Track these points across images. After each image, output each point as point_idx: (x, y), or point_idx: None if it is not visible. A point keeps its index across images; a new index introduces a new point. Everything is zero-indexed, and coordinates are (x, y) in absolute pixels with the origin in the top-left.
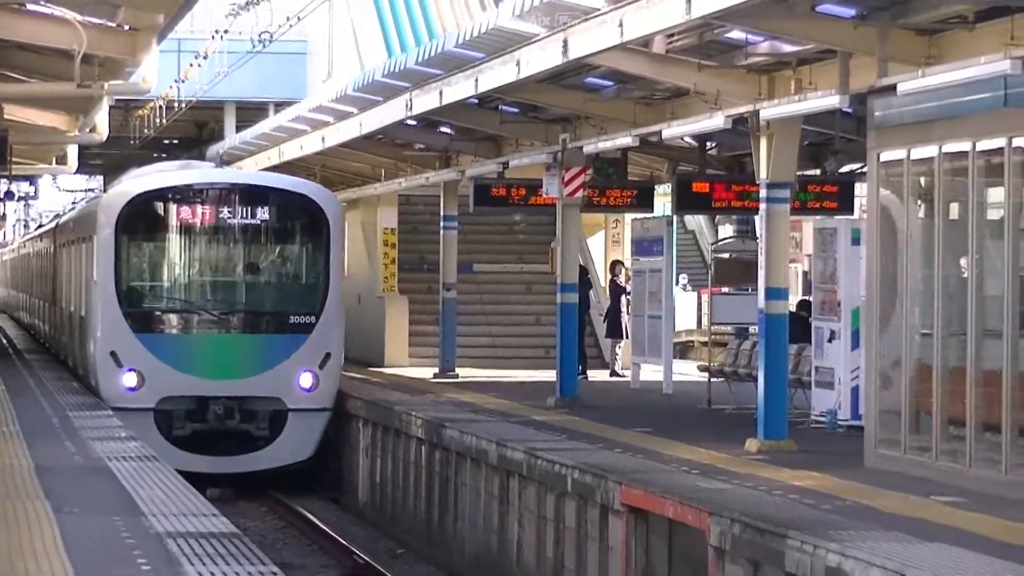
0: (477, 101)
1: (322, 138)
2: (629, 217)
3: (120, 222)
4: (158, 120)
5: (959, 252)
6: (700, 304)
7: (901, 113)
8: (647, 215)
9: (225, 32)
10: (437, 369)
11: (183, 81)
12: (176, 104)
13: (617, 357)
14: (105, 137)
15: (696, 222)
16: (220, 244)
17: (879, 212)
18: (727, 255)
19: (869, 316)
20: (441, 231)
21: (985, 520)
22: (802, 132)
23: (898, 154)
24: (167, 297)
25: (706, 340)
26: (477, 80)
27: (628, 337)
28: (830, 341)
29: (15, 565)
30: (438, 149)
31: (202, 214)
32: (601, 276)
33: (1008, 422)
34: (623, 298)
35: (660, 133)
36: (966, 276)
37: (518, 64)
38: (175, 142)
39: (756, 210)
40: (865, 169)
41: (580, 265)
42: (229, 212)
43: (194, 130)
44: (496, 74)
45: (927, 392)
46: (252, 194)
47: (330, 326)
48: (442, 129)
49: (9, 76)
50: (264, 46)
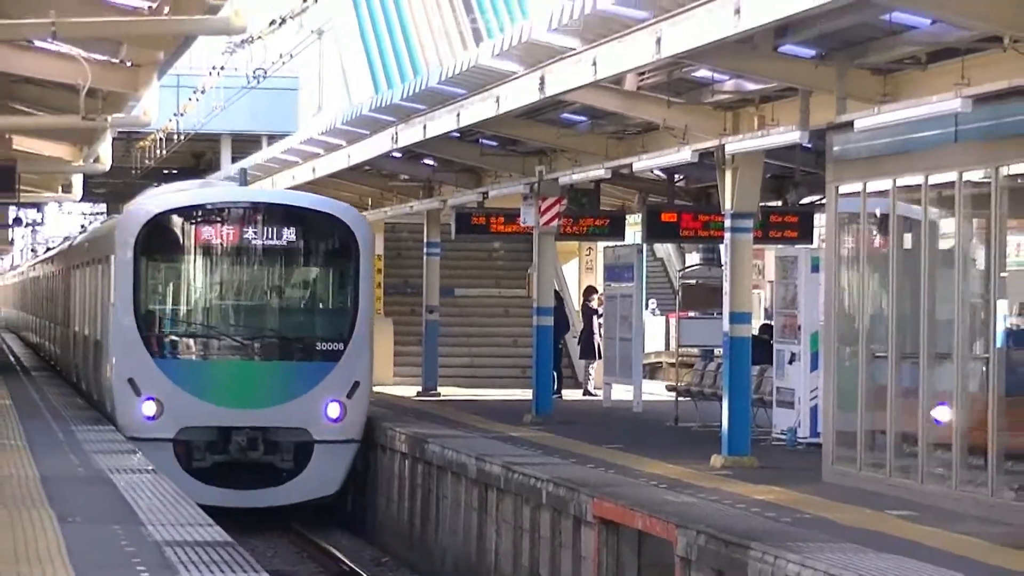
0: (459, 134)
1: (312, 169)
2: (601, 245)
3: (139, 242)
4: (158, 151)
5: (913, 279)
6: (668, 327)
7: (858, 148)
8: (618, 243)
9: (221, 68)
10: (420, 387)
11: (182, 114)
12: (175, 136)
13: (590, 377)
14: (108, 167)
15: (665, 250)
16: (244, 266)
17: (837, 241)
18: (694, 281)
19: (827, 339)
20: (424, 257)
21: (936, 533)
22: (765, 165)
23: (855, 187)
24: (188, 321)
25: (674, 361)
26: (459, 115)
27: (600, 358)
28: (790, 363)
29: (20, 570)
30: (422, 180)
31: (225, 234)
32: (575, 301)
33: (957, 441)
34: (596, 321)
35: (631, 166)
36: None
37: (497, 100)
38: (174, 172)
39: (721, 239)
40: (824, 201)
41: (556, 290)
42: (254, 232)
43: (192, 161)
44: (476, 109)
45: (881, 411)
46: (278, 213)
47: (359, 353)
48: (425, 161)
49: (17, 109)
50: (258, 82)
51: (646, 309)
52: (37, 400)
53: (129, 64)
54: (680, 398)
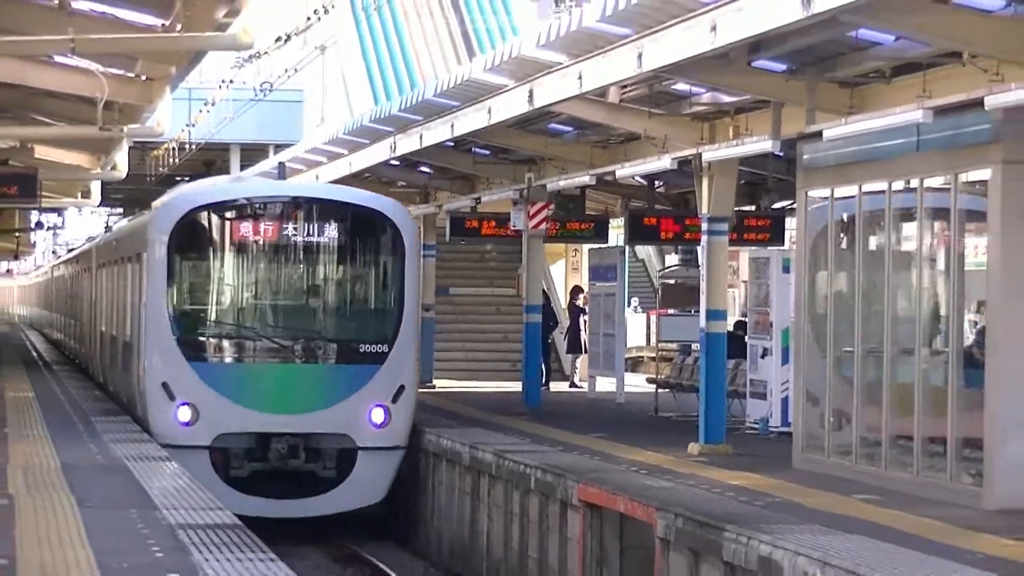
0: (453, 144)
1: (316, 176)
2: (587, 247)
3: (173, 239)
4: (171, 159)
5: (877, 279)
6: (649, 324)
7: (826, 156)
8: (602, 245)
9: (230, 82)
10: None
11: (193, 125)
12: (187, 145)
13: (576, 370)
14: (124, 174)
15: (646, 251)
16: (283, 264)
17: (807, 243)
18: (673, 281)
19: (798, 335)
20: (421, 258)
21: (899, 515)
22: (739, 172)
23: (823, 192)
24: (225, 322)
25: (654, 355)
26: (453, 125)
27: (586, 352)
28: (763, 357)
29: (43, 552)
30: (418, 186)
31: (264, 230)
32: (562, 299)
33: (918, 431)
34: (581, 318)
35: (614, 173)
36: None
37: (489, 111)
38: (187, 179)
39: (698, 241)
40: (795, 205)
41: (544, 290)
42: (294, 228)
43: (203, 168)
44: (469, 120)
45: (848, 402)
46: (319, 208)
47: (404, 356)
48: (422, 168)
49: (39, 120)
50: (265, 94)
51: (628, 307)
52: (58, 393)
53: (143, 78)
54: (660, 390)
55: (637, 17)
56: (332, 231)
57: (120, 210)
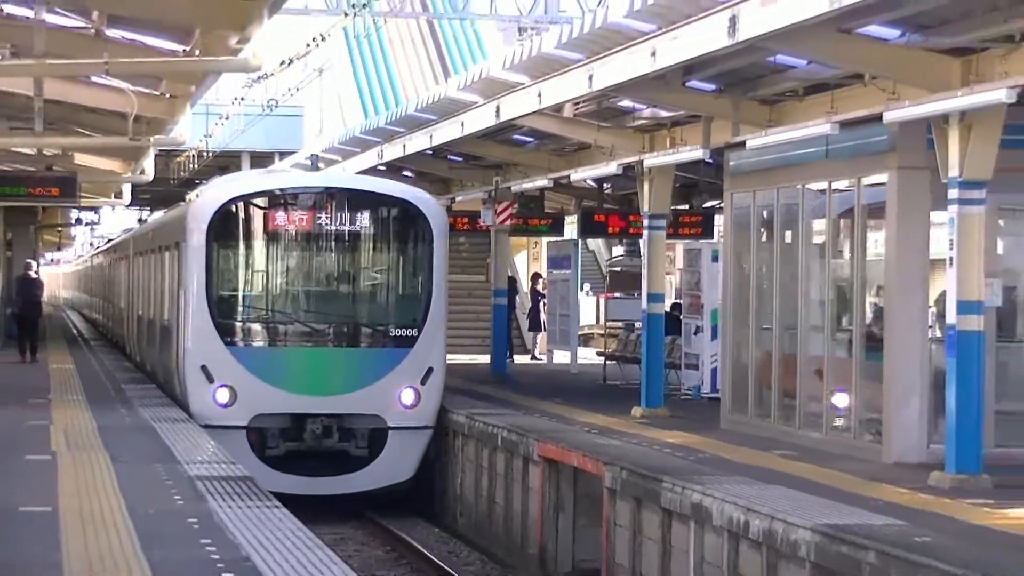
0: (431, 152)
1: None
2: (545, 240)
3: (212, 228)
4: (191, 165)
5: (792, 268)
6: (598, 305)
7: (749, 163)
8: (559, 238)
9: (241, 99)
10: None
11: (210, 136)
12: (205, 153)
13: (536, 345)
14: (151, 178)
15: (596, 244)
16: (317, 252)
17: (733, 237)
18: (619, 269)
19: (725, 314)
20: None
21: (812, 468)
22: (675, 176)
23: (747, 193)
24: (261, 308)
25: (603, 332)
26: (431, 136)
27: (544, 330)
28: (696, 334)
29: (81, 501)
30: None
31: (298, 219)
32: (525, 284)
33: (826, 395)
34: (541, 301)
35: (569, 177)
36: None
37: (462, 124)
38: (204, 182)
39: (641, 235)
40: (723, 205)
41: (509, 276)
42: (327, 218)
43: (218, 173)
44: (446, 131)
45: (767, 372)
46: (352, 199)
47: (433, 339)
48: (405, 173)
49: (78, 131)
50: (271, 110)
51: (581, 291)
52: (95, 366)
53: (167, 96)
54: (607, 361)
55: (588, 44)
56: (363, 220)
57: (148, 208)
